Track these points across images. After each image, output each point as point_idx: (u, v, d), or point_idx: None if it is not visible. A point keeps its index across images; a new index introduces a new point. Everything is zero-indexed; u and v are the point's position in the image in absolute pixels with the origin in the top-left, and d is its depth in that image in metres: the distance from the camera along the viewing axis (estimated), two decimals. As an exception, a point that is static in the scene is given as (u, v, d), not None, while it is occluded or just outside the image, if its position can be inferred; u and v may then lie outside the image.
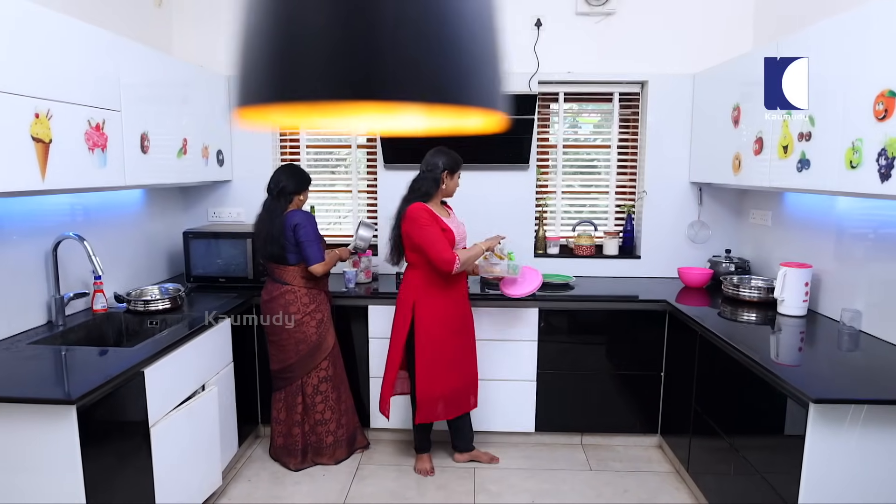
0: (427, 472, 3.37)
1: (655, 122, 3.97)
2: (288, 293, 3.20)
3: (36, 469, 1.99)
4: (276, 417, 3.38)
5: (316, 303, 3.26)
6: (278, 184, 3.18)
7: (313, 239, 3.16)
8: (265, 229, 3.18)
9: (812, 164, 2.60)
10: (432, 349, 3.11)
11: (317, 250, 3.17)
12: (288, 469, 3.38)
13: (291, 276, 3.21)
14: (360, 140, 4.21)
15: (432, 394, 3.15)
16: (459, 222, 3.22)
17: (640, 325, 3.55)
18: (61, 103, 2.30)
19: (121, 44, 2.72)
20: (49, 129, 2.22)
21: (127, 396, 2.27)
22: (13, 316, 2.59)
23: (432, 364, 3.12)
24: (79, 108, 2.41)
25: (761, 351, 2.56)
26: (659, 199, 4.04)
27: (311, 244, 3.15)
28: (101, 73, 2.59)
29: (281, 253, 3.17)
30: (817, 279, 3.08)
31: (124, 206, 3.42)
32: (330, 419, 3.37)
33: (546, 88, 4.05)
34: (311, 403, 3.32)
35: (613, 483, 3.31)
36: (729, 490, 2.69)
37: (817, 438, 2.07)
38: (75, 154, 2.41)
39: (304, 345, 3.24)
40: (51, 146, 2.24)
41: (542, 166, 4.17)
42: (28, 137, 2.14)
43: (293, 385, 3.29)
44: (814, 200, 3.17)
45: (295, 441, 3.35)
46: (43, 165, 2.20)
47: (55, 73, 2.29)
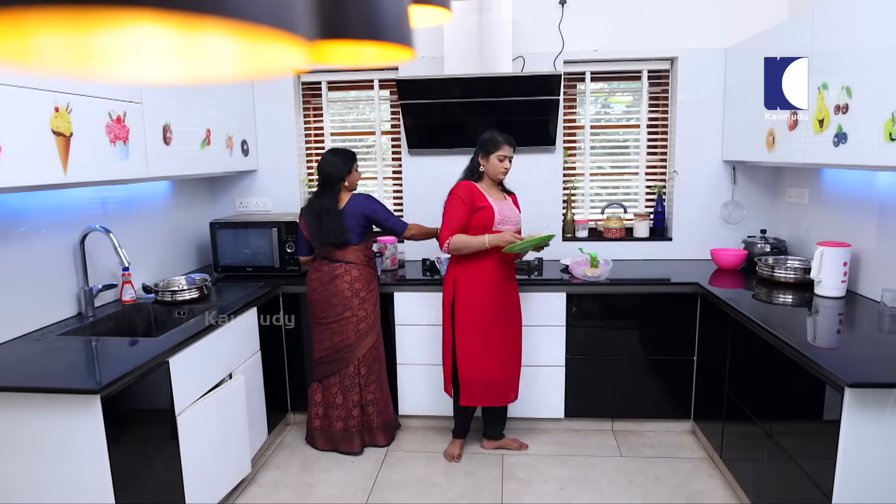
0: (454, 457, 3.36)
1: (686, 99, 3.86)
2: (353, 269, 3.24)
3: (63, 458, 2.03)
4: (332, 402, 3.36)
5: (375, 281, 3.36)
6: (322, 172, 3.21)
7: (388, 212, 3.31)
8: (327, 219, 3.18)
9: (849, 137, 2.49)
10: (470, 326, 3.10)
11: (397, 220, 3.33)
12: (352, 454, 3.40)
13: (354, 256, 3.26)
14: (385, 126, 4.18)
15: (474, 375, 3.14)
16: (512, 207, 3.15)
17: (671, 309, 3.46)
18: (81, 96, 2.32)
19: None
20: (69, 122, 2.24)
21: (152, 385, 2.30)
22: (44, 308, 2.64)
23: (469, 342, 3.12)
24: (99, 100, 2.43)
25: (796, 333, 2.47)
26: (691, 179, 3.94)
27: (389, 217, 3.30)
28: (121, 64, 2.59)
29: (346, 238, 3.21)
30: (856, 258, 2.96)
31: (151, 197, 3.46)
32: (380, 399, 3.43)
33: (572, 68, 3.96)
34: (366, 384, 3.36)
35: (645, 470, 3.25)
36: (763, 477, 2.61)
37: (853, 424, 1.99)
38: (97, 147, 2.43)
39: (364, 323, 3.28)
40: (72, 139, 2.26)
41: (569, 148, 4.09)
42: (49, 131, 2.16)
43: (350, 367, 3.30)
44: (853, 176, 3.05)
45: (356, 423, 3.38)
46: (64, 159, 2.22)
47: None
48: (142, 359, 2.21)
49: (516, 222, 3.15)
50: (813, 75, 2.74)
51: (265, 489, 3.12)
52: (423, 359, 3.61)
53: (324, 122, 4.21)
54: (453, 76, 3.60)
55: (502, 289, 3.15)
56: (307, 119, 4.21)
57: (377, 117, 4.17)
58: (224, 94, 3.59)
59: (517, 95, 3.63)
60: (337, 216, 3.19)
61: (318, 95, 4.18)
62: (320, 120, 4.22)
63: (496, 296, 3.13)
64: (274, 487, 3.13)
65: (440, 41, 3.69)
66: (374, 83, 4.10)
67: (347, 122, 4.27)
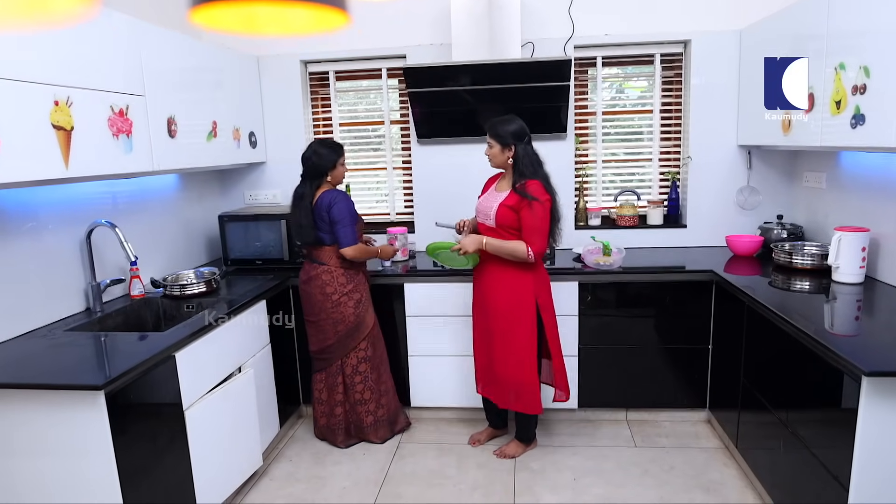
0: (477, 441, 3.41)
1: (700, 83, 3.77)
2: (325, 273, 3.17)
3: (69, 455, 2.02)
4: (318, 398, 3.38)
5: (354, 283, 3.22)
6: (306, 163, 3.15)
7: (347, 220, 3.09)
8: (298, 213, 3.15)
9: (867, 119, 2.41)
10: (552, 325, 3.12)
11: (349, 233, 3.09)
12: (336, 447, 3.40)
13: (327, 257, 3.18)
14: (394, 115, 4.14)
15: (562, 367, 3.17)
16: (496, 198, 2.96)
17: (686, 297, 3.40)
18: (81, 90, 2.30)
19: (141, 27, 2.70)
20: (70, 116, 2.22)
21: (159, 380, 2.29)
22: (51, 303, 2.64)
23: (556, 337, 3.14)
24: (100, 93, 2.41)
25: (813, 321, 2.40)
26: (705, 165, 3.86)
27: (344, 226, 3.08)
28: (122, 57, 2.58)
29: (316, 235, 3.14)
30: (875, 244, 2.89)
31: (159, 191, 3.45)
32: (369, 399, 3.36)
33: (583, 53, 3.89)
34: (351, 384, 3.31)
35: (659, 460, 3.20)
36: (779, 466, 2.56)
37: (871, 413, 1.93)
38: (99, 140, 2.41)
39: (342, 325, 3.21)
40: (73, 133, 2.24)
41: (580, 135, 4.03)
42: (49, 125, 2.14)
43: (333, 366, 3.29)
44: (872, 159, 2.96)
45: (338, 420, 3.37)
46: (66, 153, 2.21)
47: (73, 60, 2.29)
48: (147, 354, 2.20)
49: (486, 216, 3.00)
50: (830, 55, 2.66)
51: (277, 482, 3.11)
52: (435, 350, 3.58)
53: (332, 112, 4.17)
54: (461, 63, 3.54)
55: (477, 289, 3.20)
56: (315, 110, 4.18)
57: (385, 107, 4.13)
58: (230, 85, 3.57)
59: (527, 82, 3.57)
60: (307, 212, 3.11)
61: (325, 85, 4.15)
62: (328, 110, 4.18)
63: (476, 294, 3.22)
64: (286, 481, 3.13)
65: (448, 28, 3.64)
66: (382, 72, 4.06)
67: (358, 112, 4.23)
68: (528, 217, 2.84)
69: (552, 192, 2.91)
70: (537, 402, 3.09)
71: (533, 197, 2.82)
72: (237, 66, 3.69)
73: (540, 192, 2.85)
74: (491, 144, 2.96)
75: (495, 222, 2.94)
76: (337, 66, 4.07)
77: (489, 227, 2.98)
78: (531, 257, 2.85)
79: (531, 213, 2.83)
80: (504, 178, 3.04)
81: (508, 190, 2.93)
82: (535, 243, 2.84)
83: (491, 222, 2.96)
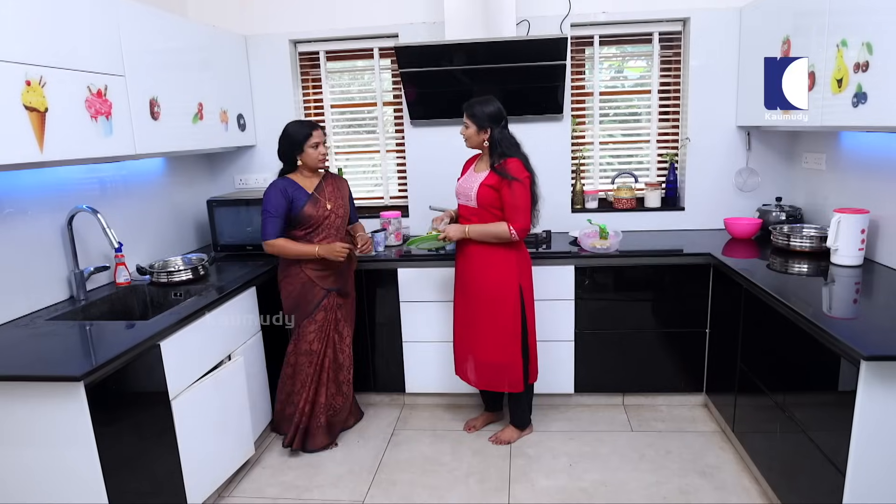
0: (472, 427, 3.38)
1: (699, 62, 3.69)
2: (279, 265, 3.13)
3: (51, 446, 1.97)
4: None
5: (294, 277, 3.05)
6: (277, 148, 3.04)
7: (268, 212, 2.90)
8: None
9: (869, 97, 2.34)
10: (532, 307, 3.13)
11: (267, 225, 2.89)
12: None
13: None
14: (387, 97, 4.06)
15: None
16: (475, 179, 2.92)
17: (683, 281, 3.34)
18: (55, 69, 2.20)
19: (119, 4, 2.60)
20: (43, 97, 2.14)
21: (143, 370, 2.23)
22: (33, 292, 2.57)
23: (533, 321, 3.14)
24: (76, 73, 2.31)
25: (811, 304, 2.35)
26: (704, 146, 3.78)
27: (264, 217, 2.91)
28: (99, 36, 2.48)
29: (262, 226, 2.95)
30: (875, 225, 2.83)
31: (144, 175, 3.36)
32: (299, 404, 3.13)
33: (579, 31, 3.80)
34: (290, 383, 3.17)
35: (656, 444, 3.17)
36: (776, 450, 2.52)
37: (869, 398, 1.88)
38: (76, 123, 2.32)
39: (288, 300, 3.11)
40: (47, 115, 2.15)
41: (577, 116, 3.95)
42: (20, 107, 2.05)
43: None
44: (873, 140, 2.89)
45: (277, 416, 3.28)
46: (40, 136, 2.12)
47: (45, 37, 2.19)
48: (129, 343, 2.14)
49: (467, 197, 2.95)
50: (831, 32, 2.59)
51: (269, 470, 3.07)
52: (430, 336, 3.53)
53: (323, 93, 4.09)
54: (455, 42, 3.46)
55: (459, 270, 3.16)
56: (306, 91, 4.09)
57: (378, 88, 4.04)
58: (217, 65, 3.47)
59: (522, 61, 3.49)
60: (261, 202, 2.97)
61: (316, 66, 4.06)
62: (319, 92, 4.10)
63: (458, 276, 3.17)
64: (278, 469, 3.09)
65: (440, 5, 3.54)
66: (374, 51, 3.97)
67: (350, 93, 4.14)
68: (508, 195, 2.83)
69: (531, 170, 2.89)
70: (520, 381, 3.08)
71: (513, 177, 2.80)
72: (224, 45, 3.60)
73: (519, 170, 2.84)
74: (467, 125, 2.91)
75: (477, 203, 2.91)
76: (327, 45, 3.98)
77: (471, 208, 2.94)
78: (514, 236, 2.85)
79: (510, 192, 2.82)
80: (481, 160, 3.01)
81: (487, 170, 2.90)
82: (517, 220, 2.84)
83: (472, 203, 2.93)
